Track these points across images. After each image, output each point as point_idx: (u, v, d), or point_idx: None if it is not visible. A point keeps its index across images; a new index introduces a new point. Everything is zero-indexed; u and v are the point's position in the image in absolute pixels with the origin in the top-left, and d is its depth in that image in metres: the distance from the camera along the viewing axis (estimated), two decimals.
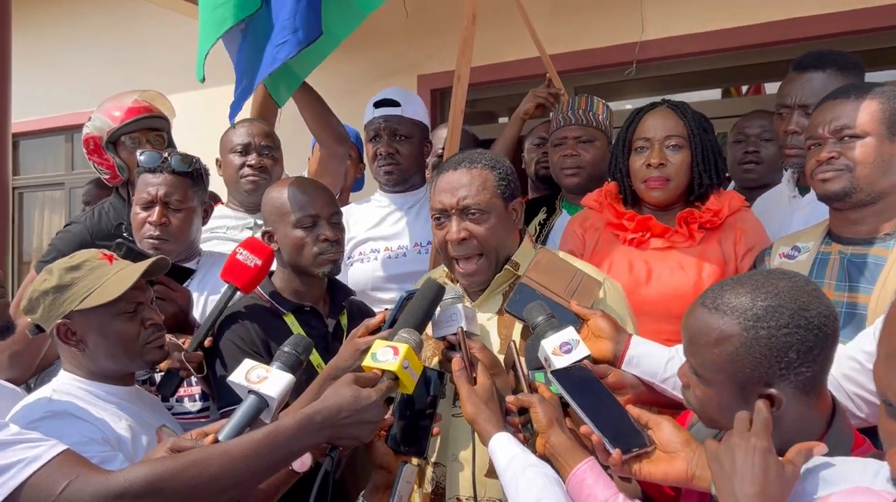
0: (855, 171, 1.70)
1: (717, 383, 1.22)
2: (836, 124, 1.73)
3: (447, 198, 1.72)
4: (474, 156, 1.77)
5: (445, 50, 3.69)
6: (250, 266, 1.91)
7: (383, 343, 1.46)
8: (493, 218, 1.71)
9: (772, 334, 1.17)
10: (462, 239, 1.70)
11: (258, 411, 1.42)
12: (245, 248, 1.93)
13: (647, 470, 1.25)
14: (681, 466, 1.23)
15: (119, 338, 1.63)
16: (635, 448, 1.27)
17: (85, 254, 1.66)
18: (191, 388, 2.08)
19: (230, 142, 2.63)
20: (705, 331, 1.22)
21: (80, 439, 1.47)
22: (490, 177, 1.73)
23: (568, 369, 1.47)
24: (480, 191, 1.70)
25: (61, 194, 6.16)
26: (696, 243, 2.00)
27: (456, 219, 1.71)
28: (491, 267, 1.74)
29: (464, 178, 1.72)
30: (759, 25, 3.62)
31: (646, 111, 2.08)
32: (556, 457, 1.39)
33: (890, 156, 1.70)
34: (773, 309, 1.18)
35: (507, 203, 1.75)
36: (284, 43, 2.04)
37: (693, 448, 1.24)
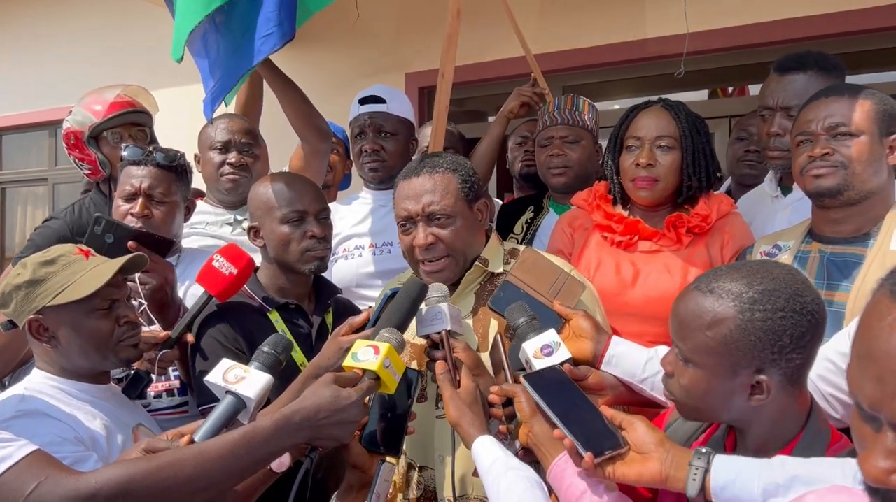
0: (849, 169, 1.71)
1: (708, 368, 1.21)
2: (831, 121, 1.73)
3: (412, 204, 1.73)
4: (435, 160, 1.78)
5: (433, 48, 3.66)
6: (225, 274, 1.85)
7: (364, 342, 1.44)
8: (459, 221, 1.73)
9: (767, 317, 1.17)
10: (429, 244, 1.71)
11: (235, 412, 1.39)
12: (222, 255, 1.87)
13: (620, 471, 1.24)
14: (654, 467, 1.21)
15: (92, 335, 1.61)
16: (608, 450, 1.25)
17: (60, 248, 1.63)
18: (169, 383, 2.06)
19: (209, 139, 2.59)
20: (699, 313, 1.22)
21: (53, 439, 1.44)
22: (453, 180, 1.74)
23: (541, 372, 1.46)
24: (445, 196, 1.72)
25: (44, 189, 6.10)
26: (684, 247, 2.00)
27: (422, 224, 1.72)
28: (457, 266, 1.75)
29: (427, 184, 1.73)
30: (749, 26, 3.63)
31: (640, 109, 2.06)
32: (538, 447, 1.39)
33: (880, 156, 1.71)
34: (770, 292, 1.19)
35: (471, 205, 1.76)
36: (269, 35, 2.03)
37: (667, 448, 1.23)
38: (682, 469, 1.18)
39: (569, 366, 1.51)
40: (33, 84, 5.75)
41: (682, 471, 1.18)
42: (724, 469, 1.15)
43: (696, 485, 1.16)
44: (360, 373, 1.40)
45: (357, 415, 1.35)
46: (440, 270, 1.74)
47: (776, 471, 1.13)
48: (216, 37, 2.26)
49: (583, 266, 2.06)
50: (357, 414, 1.35)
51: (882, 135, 1.71)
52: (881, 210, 1.74)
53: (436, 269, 1.74)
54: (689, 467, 1.17)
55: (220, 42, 2.25)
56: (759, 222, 2.23)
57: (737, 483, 1.14)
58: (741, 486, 1.13)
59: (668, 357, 1.31)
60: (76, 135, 2.69)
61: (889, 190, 1.75)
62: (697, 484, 1.16)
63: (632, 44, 3.89)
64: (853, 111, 1.71)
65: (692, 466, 1.17)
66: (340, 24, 4.47)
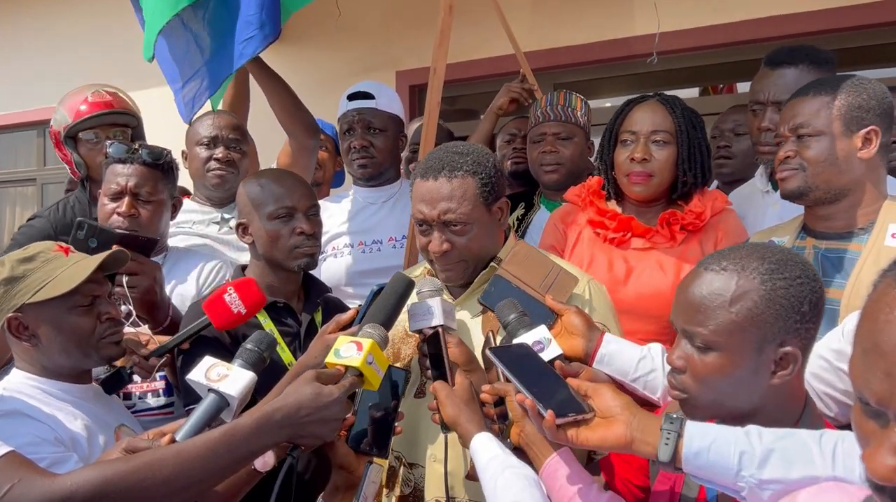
0: (808, 171, 1.70)
1: (733, 348, 1.18)
2: (794, 122, 1.73)
3: (427, 209, 1.66)
4: (455, 162, 1.67)
5: (425, 45, 3.64)
6: (233, 311, 1.79)
7: (347, 339, 1.42)
8: (476, 228, 1.67)
9: (789, 284, 1.17)
10: (445, 251, 1.66)
11: (218, 410, 1.37)
12: (236, 291, 1.80)
13: (583, 436, 1.18)
14: (619, 430, 1.16)
15: (74, 332, 1.58)
16: (571, 413, 1.20)
17: (39, 245, 1.60)
18: (154, 384, 2.03)
19: (197, 135, 2.56)
20: (719, 291, 1.19)
21: (32, 439, 1.41)
22: (472, 184, 1.65)
23: (508, 347, 1.44)
24: (462, 203, 1.63)
25: (33, 190, 6.05)
26: (677, 244, 1.97)
27: (437, 232, 1.66)
28: (470, 269, 1.72)
29: (444, 189, 1.64)
30: (742, 22, 3.62)
31: (635, 103, 2.04)
32: (530, 447, 1.36)
33: (847, 153, 1.69)
34: (784, 262, 1.19)
35: (490, 207, 1.69)
36: (251, 38, 2.01)
37: (633, 411, 1.18)
38: (652, 433, 1.13)
39: (560, 362, 1.47)
40: (21, 84, 5.71)
41: (652, 436, 1.13)
42: (699, 434, 1.10)
43: (668, 450, 1.10)
44: (342, 370, 1.37)
45: (339, 413, 1.33)
46: (453, 272, 1.70)
47: (753, 440, 1.08)
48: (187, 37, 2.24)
49: (575, 262, 2.04)
50: (339, 411, 1.32)
51: (850, 130, 1.68)
52: (870, 204, 1.72)
53: (449, 271, 1.70)
54: (661, 432, 1.12)
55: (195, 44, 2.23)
56: (750, 218, 2.22)
57: (711, 450, 1.09)
58: (716, 453, 1.08)
59: (675, 352, 1.27)
60: (55, 135, 2.65)
61: (875, 183, 1.73)
62: (670, 449, 1.10)
63: (624, 41, 3.88)
64: (815, 111, 1.70)
65: (664, 430, 1.12)
66: (331, 21, 4.45)
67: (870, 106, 1.68)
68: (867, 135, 1.68)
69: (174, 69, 2.36)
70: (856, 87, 1.69)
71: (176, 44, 2.32)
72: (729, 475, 1.07)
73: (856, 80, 1.73)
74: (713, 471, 1.09)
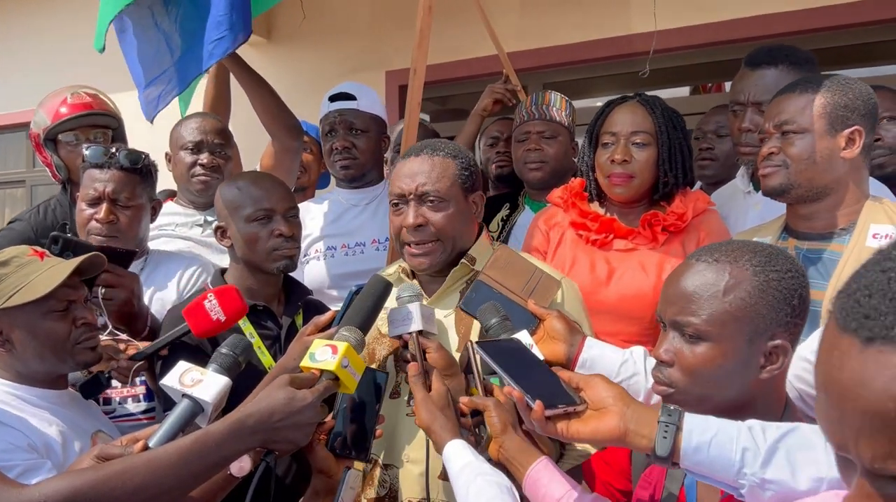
0: (791, 168, 1.70)
1: (724, 339, 1.17)
2: (779, 119, 1.73)
3: (406, 183, 1.67)
4: (437, 144, 1.73)
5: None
6: (212, 318, 1.77)
7: (322, 342, 1.40)
8: (452, 207, 1.67)
9: (781, 276, 1.17)
10: (418, 225, 1.65)
11: (192, 416, 1.35)
12: (217, 297, 1.78)
13: (574, 428, 1.13)
14: (612, 422, 1.11)
15: (48, 337, 1.56)
16: (561, 404, 1.15)
17: (14, 250, 1.59)
18: (134, 389, 2.02)
19: (181, 139, 2.54)
20: (712, 281, 1.18)
21: (5, 446, 1.41)
22: (452, 165, 1.68)
23: (497, 340, 1.42)
24: (440, 179, 1.66)
25: (22, 192, 6.03)
26: (659, 245, 1.97)
27: (413, 204, 1.67)
28: (444, 253, 1.69)
29: (424, 166, 1.67)
30: (730, 21, 3.61)
31: (615, 104, 2.03)
32: (510, 462, 1.33)
33: (830, 152, 1.68)
34: (773, 255, 1.19)
35: (467, 194, 1.70)
36: (222, 38, 2.00)
37: (627, 402, 1.13)
38: (647, 425, 1.08)
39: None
40: (10, 85, 5.68)
41: (647, 428, 1.08)
42: (699, 429, 1.05)
43: (667, 444, 1.05)
44: (317, 374, 1.36)
45: (313, 418, 1.31)
46: (426, 254, 1.67)
47: (756, 437, 1.04)
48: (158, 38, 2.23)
49: (557, 263, 2.03)
50: (312, 416, 1.31)
51: (835, 129, 1.68)
52: (851, 205, 1.72)
53: (421, 253, 1.67)
54: (658, 424, 1.07)
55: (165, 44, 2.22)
56: (732, 218, 2.21)
57: (712, 445, 1.03)
58: (717, 448, 1.03)
59: (662, 346, 1.24)
60: (35, 138, 2.63)
61: (857, 183, 1.73)
62: (669, 443, 1.05)
63: (612, 40, 3.88)
64: (800, 108, 1.70)
65: (661, 423, 1.07)
66: (319, 22, 4.44)
67: (855, 106, 1.68)
68: (851, 135, 1.68)
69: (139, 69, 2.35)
70: (842, 87, 1.69)
71: (147, 44, 2.31)
72: (730, 472, 1.03)
73: (842, 79, 1.72)
74: (713, 468, 1.04)
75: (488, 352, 1.32)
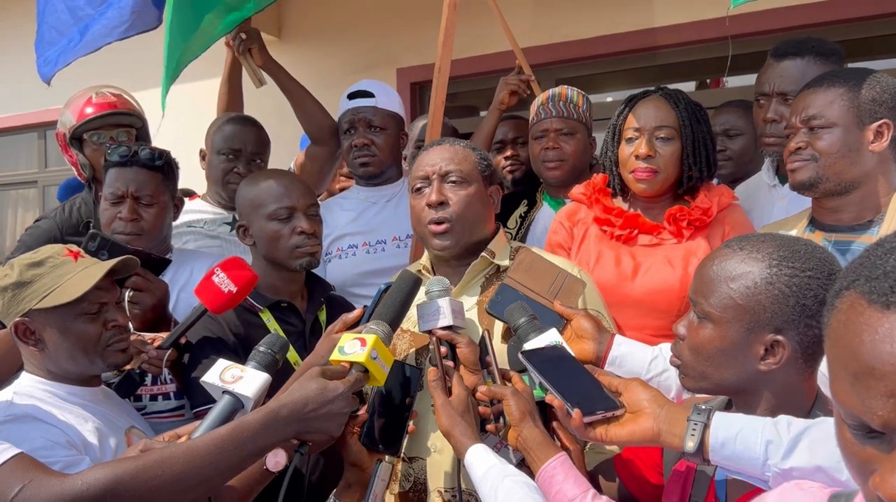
0: (820, 162, 1.70)
1: (726, 323, 1.19)
2: (806, 114, 1.73)
3: (429, 167, 1.75)
4: (455, 139, 1.82)
5: (425, 43, 3.65)
6: (224, 291, 1.78)
7: (351, 335, 1.42)
8: (472, 188, 1.72)
9: (795, 273, 1.16)
10: (439, 202, 1.69)
11: (233, 412, 1.37)
12: (223, 270, 1.80)
13: (612, 432, 1.20)
14: (646, 423, 1.17)
15: (79, 339, 1.57)
16: (600, 411, 1.21)
17: (49, 249, 1.60)
18: (164, 386, 2.03)
19: (218, 143, 2.57)
20: (727, 267, 1.21)
21: (44, 443, 1.41)
22: (472, 155, 1.77)
23: (540, 349, 1.43)
24: (462, 162, 1.74)
25: (35, 192, 6.04)
26: (684, 240, 1.97)
27: (436, 183, 1.72)
28: (464, 234, 1.71)
29: (446, 152, 1.75)
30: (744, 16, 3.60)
31: (638, 99, 2.02)
32: (527, 452, 1.35)
33: (858, 146, 1.69)
34: (800, 254, 1.18)
35: (486, 184, 1.77)
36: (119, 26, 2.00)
37: (661, 403, 1.18)
38: (678, 424, 1.14)
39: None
40: (22, 86, 5.68)
41: (678, 427, 1.13)
42: (725, 424, 1.10)
43: (694, 441, 1.10)
44: (347, 367, 1.38)
45: (344, 407, 1.33)
46: (446, 232, 1.70)
47: (781, 430, 1.08)
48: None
49: (582, 259, 2.04)
50: (344, 405, 1.33)
51: (863, 123, 1.68)
52: (880, 197, 1.72)
53: (442, 230, 1.70)
54: (688, 422, 1.12)
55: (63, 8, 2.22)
56: (756, 212, 2.21)
57: (738, 439, 1.08)
58: (743, 442, 1.08)
59: (682, 320, 1.29)
60: (61, 137, 2.65)
61: (887, 176, 1.73)
62: (696, 440, 1.10)
63: (626, 35, 3.87)
64: (828, 102, 1.70)
65: (690, 421, 1.12)
66: (330, 20, 4.45)
67: (883, 99, 1.68)
68: (879, 129, 1.68)
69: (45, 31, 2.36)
70: (869, 81, 1.69)
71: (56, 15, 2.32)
72: (756, 465, 1.07)
73: (869, 73, 1.72)
74: (740, 461, 1.09)
75: (533, 361, 1.36)
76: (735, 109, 2.79)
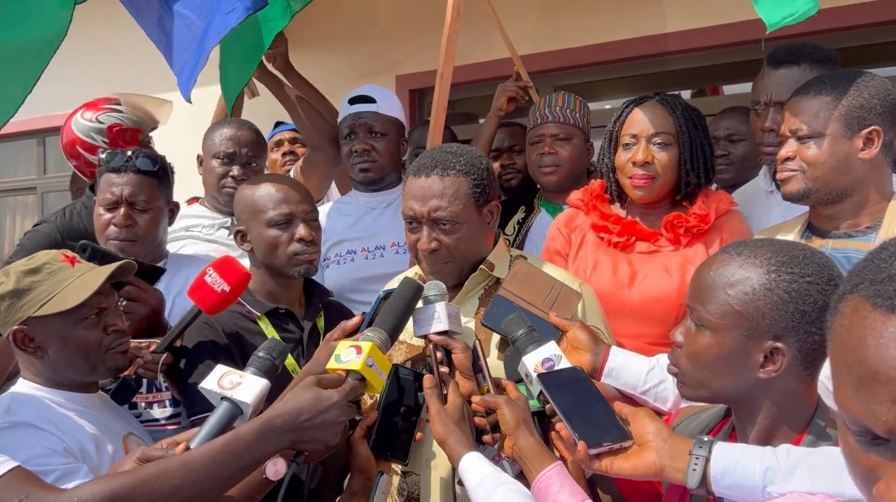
0: (807, 173, 1.69)
1: (724, 330, 1.17)
2: (793, 124, 1.71)
3: (418, 206, 1.67)
4: (448, 159, 1.70)
5: (424, 49, 3.66)
6: (217, 291, 1.78)
7: (347, 343, 1.42)
8: (465, 228, 1.68)
9: (794, 279, 1.14)
10: (433, 249, 1.67)
11: (232, 418, 1.36)
12: (215, 270, 1.79)
13: (617, 465, 1.20)
14: (650, 457, 1.17)
15: (80, 345, 1.57)
16: (607, 442, 1.21)
17: (45, 255, 1.59)
18: (160, 394, 2.02)
19: (214, 147, 2.57)
20: (724, 273, 1.19)
21: (41, 451, 1.41)
22: (464, 184, 1.67)
23: (558, 372, 1.42)
24: (453, 202, 1.66)
25: (33, 199, 6.04)
26: (682, 247, 1.96)
27: (427, 228, 1.67)
28: (458, 270, 1.72)
29: (436, 186, 1.66)
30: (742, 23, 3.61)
31: (635, 104, 2.01)
32: (523, 461, 1.34)
33: (848, 154, 1.67)
34: (799, 259, 1.17)
35: (480, 209, 1.71)
36: (233, 11, 2.01)
37: (664, 437, 1.18)
38: (681, 458, 1.13)
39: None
40: None
41: (681, 461, 1.13)
42: (725, 454, 1.11)
43: (696, 476, 1.10)
44: (343, 375, 1.37)
45: (340, 416, 1.33)
46: (439, 272, 1.70)
47: (780, 456, 1.08)
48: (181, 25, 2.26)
49: (579, 266, 2.03)
50: (340, 415, 1.32)
51: (851, 131, 1.66)
52: (875, 203, 1.71)
53: (437, 271, 1.70)
54: (690, 457, 1.12)
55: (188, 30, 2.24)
56: (755, 218, 2.20)
57: (737, 467, 1.09)
58: (742, 471, 1.09)
59: (679, 327, 1.28)
60: (81, 145, 2.66)
61: (881, 182, 1.72)
62: (698, 475, 1.10)
63: (624, 42, 3.88)
64: (815, 112, 1.68)
65: (692, 456, 1.12)
66: (330, 27, 4.45)
67: (871, 105, 1.66)
68: (869, 136, 1.66)
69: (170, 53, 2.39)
70: (857, 87, 1.67)
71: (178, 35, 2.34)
72: (756, 492, 1.07)
73: (858, 77, 1.70)
74: (742, 490, 1.09)
75: (547, 387, 1.35)
76: (737, 114, 2.79)
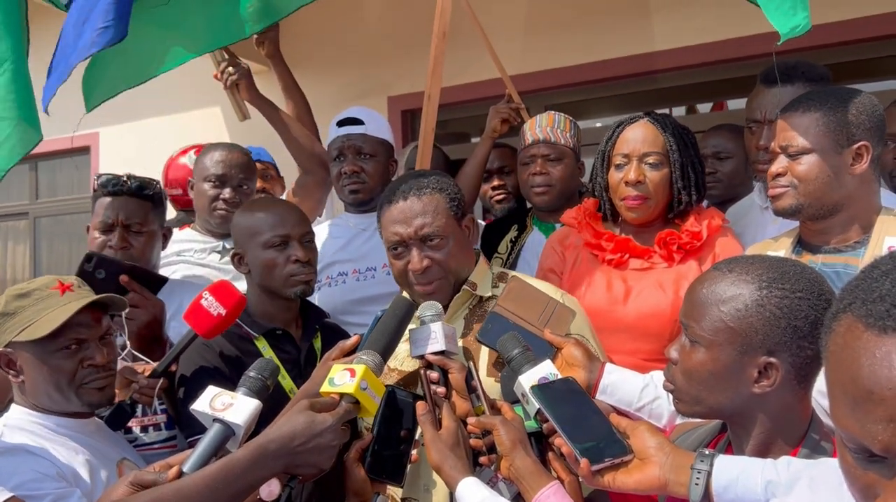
0: (799, 188, 1.70)
1: (717, 346, 1.18)
2: (783, 140, 1.73)
3: (403, 228, 1.68)
4: (419, 182, 1.73)
5: (416, 71, 3.68)
6: (213, 314, 1.78)
7: (340, 366, 1.41)
8: (452, 241, 1.70)
9: (786, 295, 1.16)
10: (426, 267, 1.67)
11: (224, 440, 1.35)
12: (212, 294, 1.80)
13: (620, 480, 1.20)
14: (653, 472, 1.17)
15: (52, 374, 1.57)
16: (608, 457, 1.21)
17: (39, 281, 1.60)
18: (155, 417, 2.01)
19: (205, 170, 2.57)
20: (717, 290, 1.20)
21: (35, 476, 1.40)
22: (441, 200, 1.70)
23: (552, 383, 1.42)
24: (436, 217, 1.68)
25: (25, 224, 6.03)
26: (675, 264, 1.97)
27: (416, 248, 1.68)
28: (450, 287, 1.72)
29: (416, 206, 1.68)
30: (734, 40, 3.65)
31: (626, 124, 2.02)
32: (520, 481, 1.34)
33: (838, 170, 1.68)
34: (790, 275, 1.18)
35: (460, 222, 1.74)
36: (106, 28, 1.99)
37: (666, 451, 1.18)
38: (683, 472, 1.14)
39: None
40: None
41: (683, 475, 1.13)
42: (727, 467, 1.11)
43: (699, 491, 1.11)
44: (336, 398, 1.37)
45: (333, 440, 1.32)
46: (434, 292, 1.70)
47: (780, 469, 1.09)
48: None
49: (573, 284, 2.04)
50: (333, 438, 1.31)
51: (841, 146, 1.67)
52: (865, 218, 1.72)
53: (430, 291, 1.70)
54: (692, 471, 1.13)
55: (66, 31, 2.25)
56: (749, 234, 2.20)
57: (739, 480, 1.09)
58: (744, 485, 1.09)
59: (674, 344, 1.28)
60: None
61: (870, 196, 1.74)
62: (700, 489, 1.11)
63: (614, 61, 3.91)
64: (804, 128, 1.69)
65: (695, 470, 1.13)
66: (321, 49, 4.48)
67: (859, 121, 1.67)
68: (858, 151, 1.68)
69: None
70: (845, 103, 1.69)
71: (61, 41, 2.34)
72: None
73: (846, 94, 1.72)
74: None
75: (543, 400, 1.35)
76: (725, 132, 2.81)
